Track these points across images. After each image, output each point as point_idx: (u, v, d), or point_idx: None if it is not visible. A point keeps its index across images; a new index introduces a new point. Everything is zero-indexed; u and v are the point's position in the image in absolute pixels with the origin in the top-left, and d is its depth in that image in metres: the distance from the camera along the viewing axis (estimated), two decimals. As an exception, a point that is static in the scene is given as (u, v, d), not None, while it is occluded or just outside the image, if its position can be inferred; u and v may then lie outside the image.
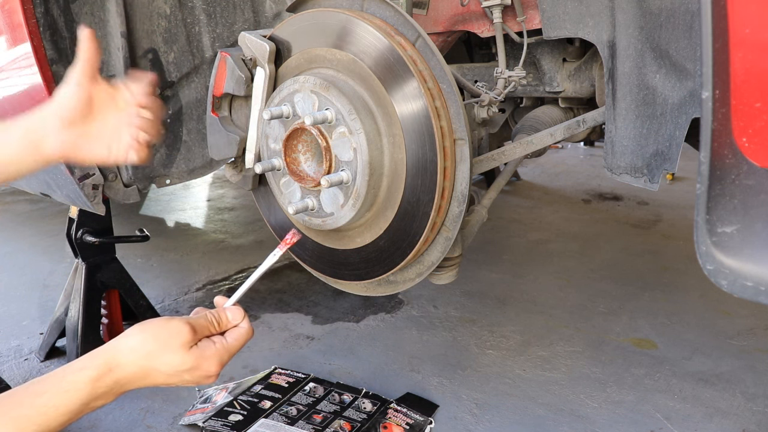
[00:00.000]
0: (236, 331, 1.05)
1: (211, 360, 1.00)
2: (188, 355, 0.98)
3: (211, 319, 1.03)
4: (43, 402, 0.90)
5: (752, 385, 1.98)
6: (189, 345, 0.98)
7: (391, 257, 1.30)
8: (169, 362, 0.97)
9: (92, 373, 0.94)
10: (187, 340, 0.97)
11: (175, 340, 0.97)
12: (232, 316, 1.06)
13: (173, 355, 0.97)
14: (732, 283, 0.85)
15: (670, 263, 3.07)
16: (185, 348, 0.97)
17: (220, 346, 1.02)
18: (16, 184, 2.05)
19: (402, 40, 1.19)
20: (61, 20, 1.52)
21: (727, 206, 0.85)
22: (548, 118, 1.78)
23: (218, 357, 1.00)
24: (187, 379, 0.99)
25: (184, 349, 0.97)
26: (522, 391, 1.98)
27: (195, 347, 0.99)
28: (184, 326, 0.97)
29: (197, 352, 0.99)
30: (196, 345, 0.99)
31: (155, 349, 0.96)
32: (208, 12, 1.72)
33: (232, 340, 1.04)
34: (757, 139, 0.81)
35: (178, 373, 0.98)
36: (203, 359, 0.99)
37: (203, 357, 0.99)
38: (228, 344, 1.03)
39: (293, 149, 1.29)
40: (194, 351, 0.98)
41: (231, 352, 1.03)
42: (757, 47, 0.79)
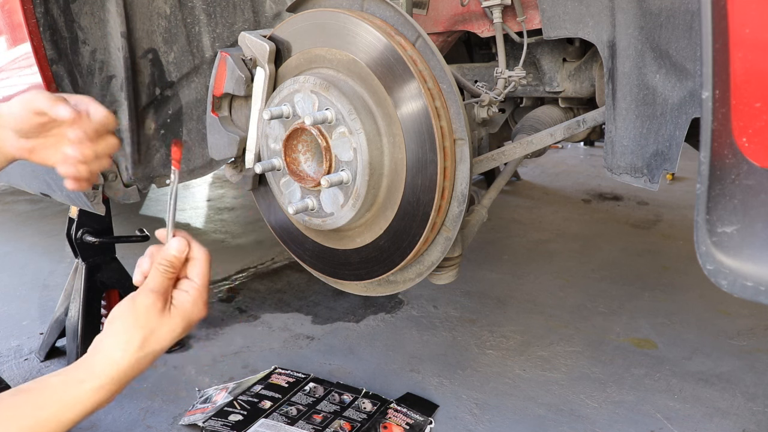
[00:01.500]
0: (196, 266, 1.03)
1: (194, 306, 1.00)
2: (172, 318, 0.98)
3: (164, 269, 1.00)
4: (45, 416, 0.90)
5: (752, 385, 1.98)
6: (166, 307, 0.98)
7: (391, 257, 1.30)
8: (161, 336, 0.97)
9: (94, 384, 0.94)
10: (160, 306, 0.97)
11: (152, 314, 0.96)
12: (177, 251, 1.02)
13: (161, 329, 0.97)
14: (732, 283, 0.85)
15: (670, 263, 3.07)
16: (167, 314, 0.98)
17: (193, 290, 1.01)
18: (16, 184, 2.05)
19: (402, 40, 1.19)
20: (61, 20, 1.52)
21: (727, 206, 0.85)
22: (548, 118, 1.78)
23: (197, 300, 1.01)
24: (184, 333, 1.00)
25: (166, 315, 0.97)
26: (522, 391, 1.98)
27: (173, 306, 0.99)
28: (148, 297, 0.97)
29: (179, 311, 0.99)
30: (172, 304, 0.99)
31: (143, 336, 0.96)
32: (208, 12, 1.72)
33: (198, 277, 1.02)
34: (757, 139, 0.81)
35: (174, 336, 0.99)
36: (186, 311, 1.00)
37: (185, 309, 1.00)
38: (198, 283, 1.02)
39: (293, 149, 1.29)
40: (175, 311, 0.99)
41: (203, 288, 1.03)
42: (757, 47, 0.79)
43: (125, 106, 1.64)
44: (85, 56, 1.58)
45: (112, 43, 1.59)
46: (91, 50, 1.58)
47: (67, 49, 1.54)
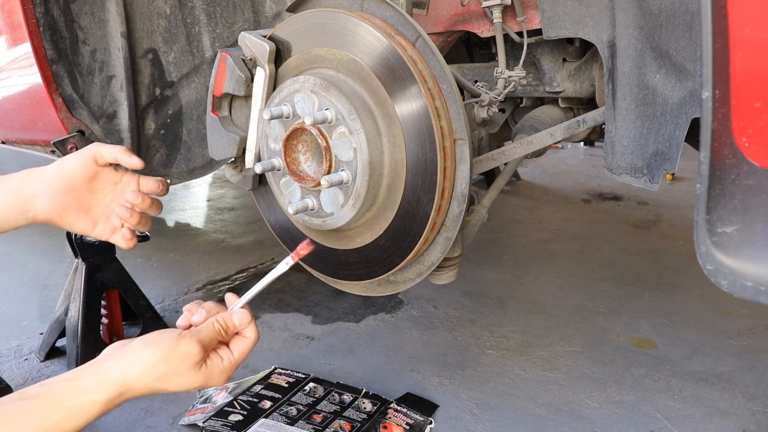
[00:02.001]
0: (243, 343, 1.06)
1: (219, 376, 1.03)
2: (198, 375, 1.00)
3: (219, 329, 1.04)
4: (48, 424, 0.90)
5: (752, 385, 1.98)
6: (199, 365, 0.99)
7: (391, 257, 1.30)
8: (179, 383, 0.99)
9: (102, 397, 0.94)
10: (198, 360, 0.99)
11: (186, 363, 0.98)
12: (239, 321, 1.07)
13: (183, 377, 0.99)
14: (732, 283, 0.85)
15: (670, 263, 3.07)
16: (196, 369, 0.99)
17: (228, 363, 1.03)
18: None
19: (402, 40, 1.19)
20: (61, 20, 1.52)
21: (727, 206, 0.85)
22: (548, 118, 1.78)
23: (226, 372, 1.03)
24: (194, 389, 1.02)
25: (194, 370, 0.99)
26: (522, 391, 1.98)
27: (204, 366, 1.01)
28: (194, 347, 0.98)
29: (206, 372, 1.01)
30: (205, 363, 1.01)
31: (166, 373, 0.97)
32: (208, 12, 1.72)
33: (239, 354, 1.05)
34: (757, 139, 0.81)
35: (187, 388, 1.00)
36: (212, 377, 1.02)
37: (212, 375, 1.02)
38: (235, 359, 1.05)
39: (293, 149, 1.29)
40: (204, 371, 1.00)
41: (237, 364, 1.05)
42: (758, 47, 0.79)
43: (125, 106, 1.63)
44: (85, 56, 1.58)
45: (112, 43, 1.59)
46: (91, 50, 1.58)
47: (67, 49, 1.54)
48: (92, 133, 1.62)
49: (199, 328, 1.03)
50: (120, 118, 1.65)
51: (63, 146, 1.59)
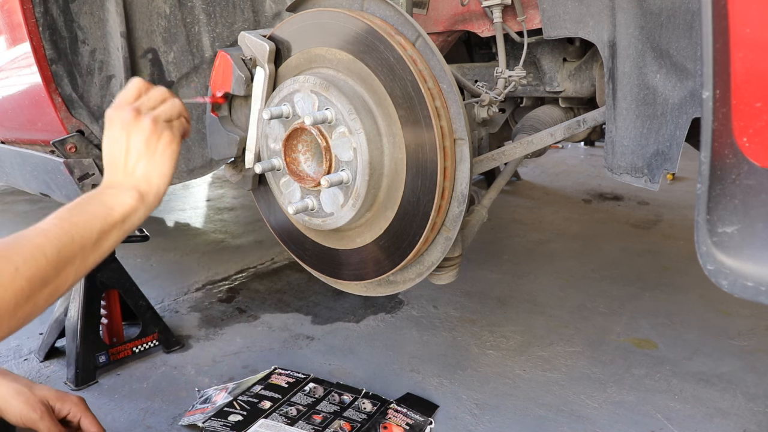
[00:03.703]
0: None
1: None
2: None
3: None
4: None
5: (753, 386, 1.98)
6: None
7: (391, 257, 1.30)
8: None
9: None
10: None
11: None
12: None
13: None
14: (732, 283, 0.85)
15: (671, 263, 3.07)
16: None
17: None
18: (16, 184, 2.05)
19: (402, 39, 1.19)
20: (61, 20, 1.52)
21: (727, 206, 0.85)
22: (548, 118, 1.78)
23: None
24: (113, 131, 1.10)
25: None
26: (522, 391, 1.98)
27: None
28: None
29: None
30: None
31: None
32: (208, 12, 1.72)
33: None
34: (758, 139, 0.81)
35: (106, 138, 1.10)
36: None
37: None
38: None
39: (293, 149, 1.29)
40: None
41: (117, 98, 1.14)
42: (758, 47, 0.79)
43: (125, 105, 1.63)
44: (85, 56, 1.58)
45: (112, 42, 1.58)
46: (90, 50, 1.58)
47: (67, 49, 1.54)
48: (92, 132, 1.62)
49: None
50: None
51: (62, 146, 1.59)
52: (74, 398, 1.48)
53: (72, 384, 2.03)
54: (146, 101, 1.12)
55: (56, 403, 1.44)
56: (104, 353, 2.11)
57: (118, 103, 1.12)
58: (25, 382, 1.43)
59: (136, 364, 2.17)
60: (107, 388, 2.03)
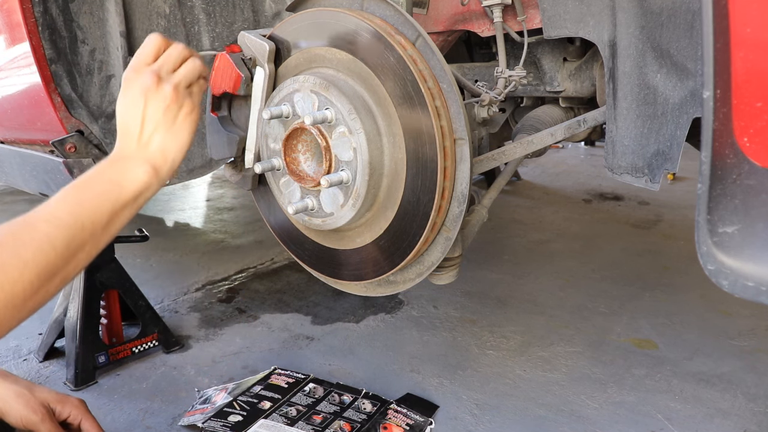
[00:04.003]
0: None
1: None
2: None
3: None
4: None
5: (753, 386, 1.97)
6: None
7: (391, 257, 1.29)
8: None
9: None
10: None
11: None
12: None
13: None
14: (733, 284, 0.85)
15: (671, 263, 3.07)
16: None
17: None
18: (15, 183, 2.05)
19: (402, 39, 1.18)
20: (60, 19, 1.52)
21: (728, 206, 0.85)
22: (549, 118, 1.77)
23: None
24: (131, 96, 1.06)
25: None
26: (522, 391, 1.97)
27: None
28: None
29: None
30: None
31: None
32: (208, 11, 1.71)
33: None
34: (759, 139, 0.81)
35: (122, 101, 1.07)
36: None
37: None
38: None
39: (293, 149, 1.29)
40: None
41: (133, 57, 1.09)
42: (759, 46, 0.79)
43: (124, 105, 1.63)
44: (84, 56, 1.57)
45: (111, 42, 1.58)
46: (90, 50, 1.57)
47: (66, 49, 1.54)
48: (91, 132, 1.62)
49: None
50: (119, 118, 1.64)
51: (62, 146, 1.59)
52: (75, 401, 1.47)
53: (71, 384, 2.03)
54: (166, 63, 1.07)
55: (57, 405, 1.44)
56: (104, 353, 2.10)
57: (136, 65, 1.06)
58: (25, 384, 1.43)
59: (136, 364, 2.17)
60: (107, 389, 2.02)
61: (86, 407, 1.49)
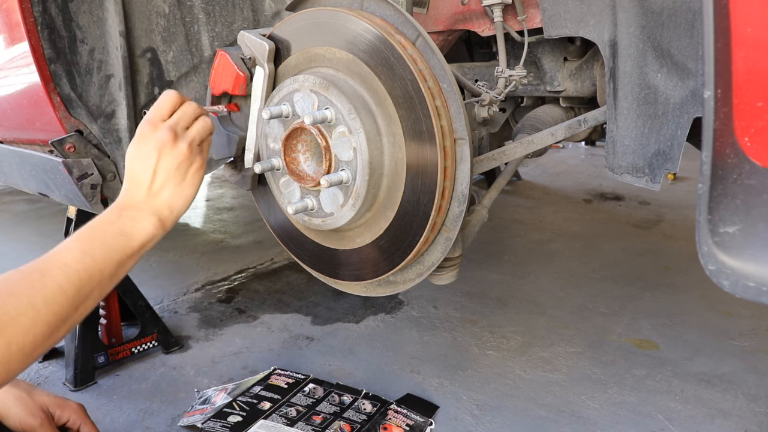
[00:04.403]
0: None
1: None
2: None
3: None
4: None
5: (754, 386, 1.97)
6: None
7: (391, 257, 1.29)
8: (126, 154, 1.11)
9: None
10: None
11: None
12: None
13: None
14: (734, 284, 0.85)
15: (672, 263, 3.07)
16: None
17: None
18: (14, 183, 2.04)
19: (402, 39, 1.18)
20: (59, 19, 1.51)
21: (729, 206, 0.84)
22: (549, 118, 1.77)
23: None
24: (144, 149, 1.09)
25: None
26: (523, 392, 1.97)
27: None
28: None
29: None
30: None
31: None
32: (207, 11, 1.71)
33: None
34: (759, 139, 0.81)
35: (134, 152, 1.10)
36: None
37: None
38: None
39: (293, 149, 1.28)
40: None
41: (149, 112, 1.12)
42: (760, 46, 0.78)
43: (124, 105, 1.63)
44: (84, 55, 1.57)
45: (111, 42, 1.58)
46: (89, 49, 1.57)
47: (65, 48, 1.53)
48: (90, 132, 1.61)
49: None
50: (118, 118, 1.64)
51: (61, 146, 1.58)
52: (74, 405, 1.47)
53: (71, 385, 2.03)
54: (182, 120, 1.11)
55: (56, 410, 1.43)
56: (103, 354, 2.10)
57: (152, 119, 1.10)
58: (25, 387, 1.43)
59: (135, 364, 2.17)
60: (106, 389, 2.02)
61: (85, 412, 1.49)
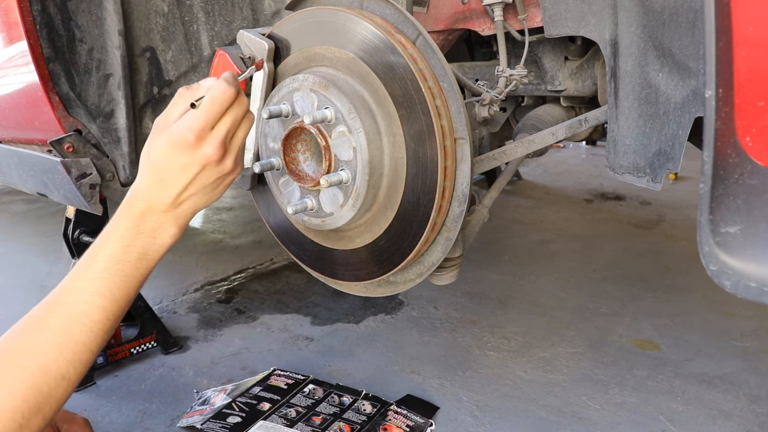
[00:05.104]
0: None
1: (187, 129, 0.99)
2: (161, 140, 1.02)
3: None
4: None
5: (755, 387, 1.96)
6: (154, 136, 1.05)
7: (391, 258, 1.29)
8: (155, 148, 1.02)
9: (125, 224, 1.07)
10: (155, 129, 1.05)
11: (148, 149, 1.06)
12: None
13: (149, 144, 1.04)
14: (735, 284, 0.84)
15: (673, 264, 3.06)
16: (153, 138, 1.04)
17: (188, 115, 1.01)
18: (12, 183, 2.04)
19: (402, 38, 1.18)
20: (58, 18, 1.51)
21: (730, 206, 0.84)
22: (550, 117, 1.77)
23: (189, 124, 0.99)
24: (183, 160, 1.00)
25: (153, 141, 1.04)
26: (523, 392, 1.97)
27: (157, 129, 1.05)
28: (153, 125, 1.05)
29: (164, 130, 1.03)
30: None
31: (145, 153, 1.05)
32: (207, 10, 1.71)
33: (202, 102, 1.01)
34: (761, 139, 0.80)
35: (170, 157, 1.00)
36: (178, 132, 0.99)
37: (176, 130, 1.00)
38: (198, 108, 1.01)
39: (292, 148, 1.28)
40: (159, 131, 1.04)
41: (200, 115, 1.00)
42: (761, 45, 0.78)
43: (123, 104, 1.62)
44: (82, 54, 1.57)
45: (110, 41, 1.57)
46: (88, 48, 1.57)
47: (64, 48, 1.53)
48: (89, 132, 1.61)
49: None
50: (117, 117, 1.63)
51: (60, 146, 1.58)
52: (80, 420, 1.47)
53: (70, 385, 2.02)
54: (232, 128, 1.02)
55: (63, 424, 1.43)
56: (102, 354, 2.10)
57: (201, 129, 0.98)
58: None
59: (134, 365, 2.16)
60: (105, 390, 2.02)
61: (91, 428, 1.49)
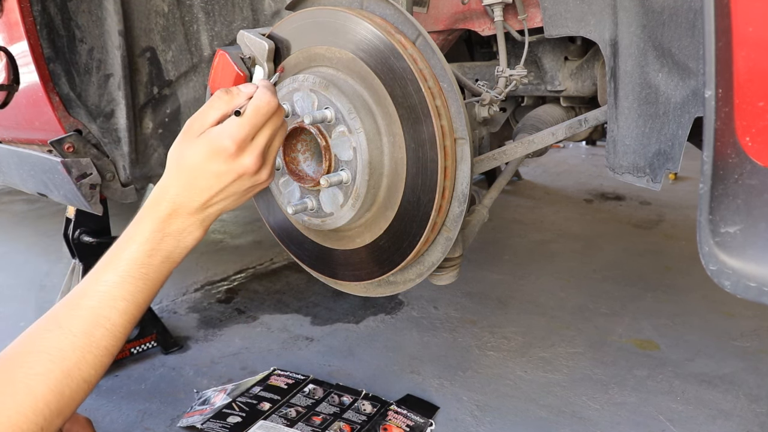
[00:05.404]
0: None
1: (229, 139, 0.98)
2: (203, 146, 0.99)
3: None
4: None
5: (755, 387, 1.96)
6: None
7: (391, 258, 1.29)
8: (191, 153, 1.00)
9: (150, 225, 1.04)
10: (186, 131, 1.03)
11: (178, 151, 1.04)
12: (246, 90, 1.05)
13: (182, 145, 1.01)
14: (735, 284, 0.84)
15: (673, 264, 3.06)
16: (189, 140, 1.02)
17: (227, 122, 0.99)
18: (13, 183, 2.04)
19: (402, 38, 1.18)
20: (58, 18, 1.51)
21: (730, 206, 0.84)
22: (550, 117, 1.77)
23: (230, 132, 0.98)
24: (221, 168, 0.99)
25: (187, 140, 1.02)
26: (523, 392, 1.97)
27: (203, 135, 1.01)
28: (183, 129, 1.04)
29: (209, 139, 1.00)
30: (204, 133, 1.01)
31: (176, 154, 1.02)
32: (207, 10, 1.71)
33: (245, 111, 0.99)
34: (761, 139, 0.80)
35: (206, 163, 0.98)
36: (218, 140, 0.98)
37: (217, 138, 0.98)
38: (237, 119, 0.99)
39: (292, 148, 1.28)
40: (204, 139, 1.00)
41: (243, 124, 0.98)
42: (761, 45, 0.78)
43: (123, 105, 1.62)
44: (83, 55, 1.57)
45: (110, 41, 1.57)
46: (88, 48, 1.57)
47: (64, 48, 1.53)
48: (89, 132, 1.61)
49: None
50: (118, 117, 1.64)
51: (60, 146, 1.58)
52: (83, 420, 1.47)
53: (70, 385, 2.02)
54: (271, 138, 1.01)
55: (65, 423, 1.42)
56: (103, 354, 2.09)
57: (242, 139, 0.97)
58: None
59: (135, 365, 2.16)
60: (105, 390, 2.02)
61: (93, 427, 1.49)
